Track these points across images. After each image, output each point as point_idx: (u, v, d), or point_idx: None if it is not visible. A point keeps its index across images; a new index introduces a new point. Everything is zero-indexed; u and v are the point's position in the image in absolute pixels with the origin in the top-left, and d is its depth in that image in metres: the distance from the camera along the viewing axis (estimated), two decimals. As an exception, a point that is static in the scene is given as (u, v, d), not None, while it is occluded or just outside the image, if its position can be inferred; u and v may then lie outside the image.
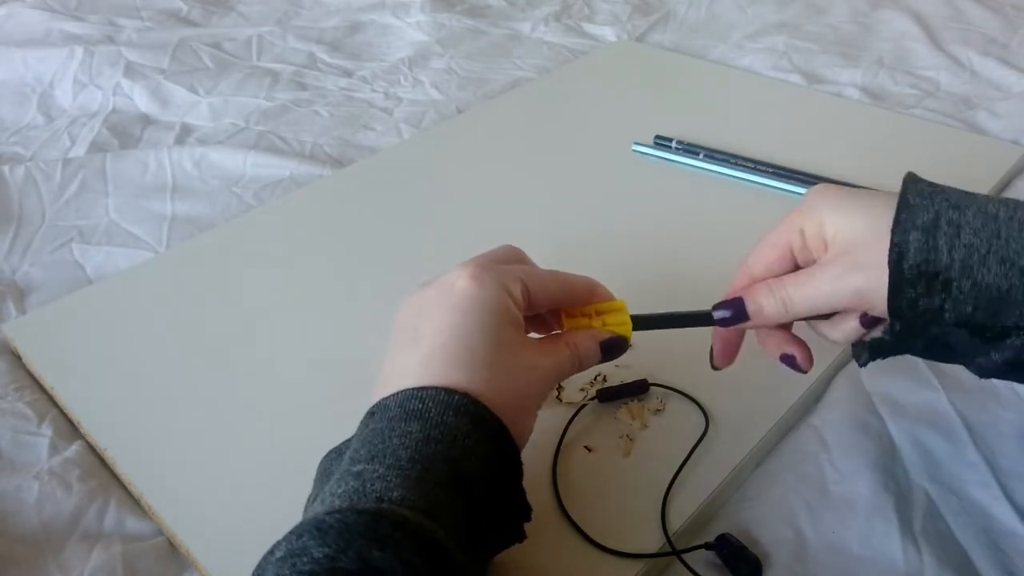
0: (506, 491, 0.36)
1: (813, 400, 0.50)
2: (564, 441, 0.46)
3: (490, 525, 0.35)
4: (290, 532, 0.30)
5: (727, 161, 0.69)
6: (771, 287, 0.39)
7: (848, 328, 0.38)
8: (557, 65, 0.93)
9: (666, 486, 0.43)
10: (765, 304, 0.39)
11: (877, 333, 0.37)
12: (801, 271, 0.39)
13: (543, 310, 0.41)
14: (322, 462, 0.38)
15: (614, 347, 0.41)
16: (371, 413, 0.36)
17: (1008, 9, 0.96)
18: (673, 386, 0.49)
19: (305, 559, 0.28)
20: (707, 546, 0.41)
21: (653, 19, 1.02)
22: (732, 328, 0.41)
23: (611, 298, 0.42)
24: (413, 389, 0.35)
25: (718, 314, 0.41)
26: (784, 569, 0.41)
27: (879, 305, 0.35)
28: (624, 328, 0.41)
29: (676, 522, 0.42)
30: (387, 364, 0.38)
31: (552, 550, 0.41)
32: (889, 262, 0.33)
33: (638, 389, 0.49)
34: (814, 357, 0.41)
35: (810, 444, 0.47)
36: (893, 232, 0.33)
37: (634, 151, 0.73)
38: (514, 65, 0.93)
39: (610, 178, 0.70)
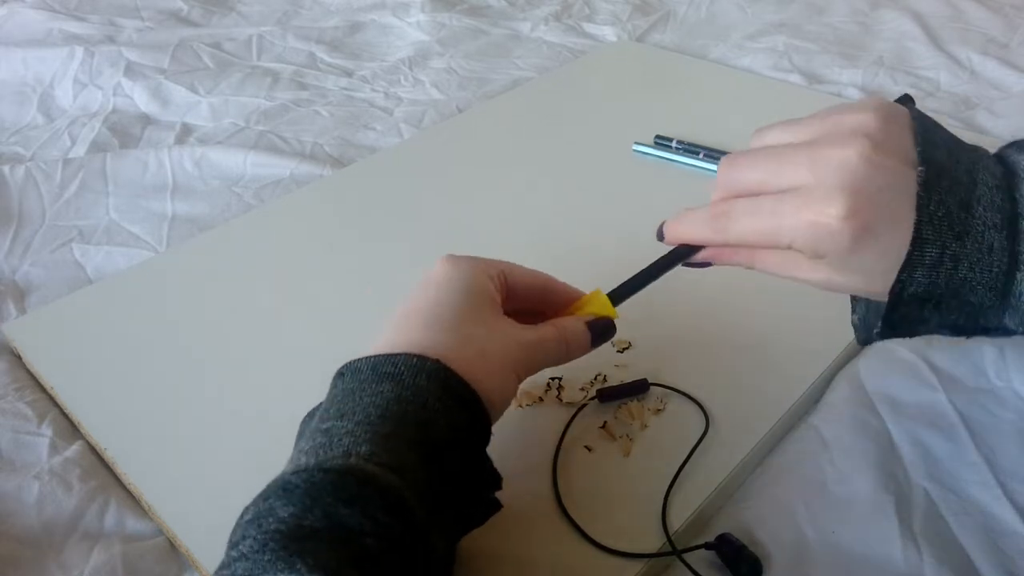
0: (474, 457, 0.36)
1: (813, 400, 0.50)
2: (564, 441, 0.46)
3: (459, 491, 0.35)
4: (258, 495, 0.30)
5: (727, 161, 0.69)
6: (740, 253, 0.39)
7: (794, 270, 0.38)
8: (557, 65, 0.93)
9: (666, 486, 0.43)
10: (728, 260, 0.40)
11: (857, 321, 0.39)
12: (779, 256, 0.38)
13: (528, 304, 0.42)
14: (301, 424, 0.39)
15: (603, 328, 0.41)
16: (340, 374, 0.37)
17: (1008, 9, 0.96)
18: (673, 386, 0.49)
19: (271, 519, 0.29)
20: (707, 546, 0.41)
21: (653, 19, 1.02)
22: None
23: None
24: (386, 354, 0.35)
25: (690, 263, 0.41)
26: (784, 569, 0.41)
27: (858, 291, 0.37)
28: (606, 309, 0.42)
29: (676, 522, 0.42)
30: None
31: (552, 550, 0.41)
32: (891, 293, 0.34)
33: (638, 389, 0.49)
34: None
35: (810, 444, 0.47)
36: (902, 269, 0.33)
37: (634, 151, 0.73)
38: (514, 65, 0.93)
39: (610, 178, 0.70)
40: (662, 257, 0.41)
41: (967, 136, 0.37)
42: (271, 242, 0.64)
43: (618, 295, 0.42)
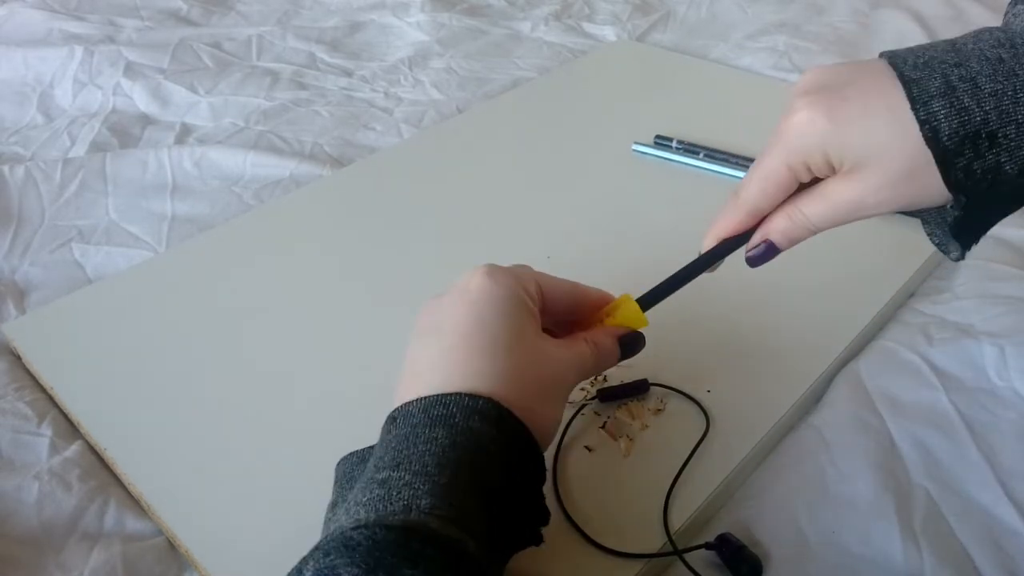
0: (527, 495, 0.35)
1: (813, 400, 0.50)
2: (564, 441, 0.46)
3: (510, 529, 0.34)
4: (316, 549, 0.29)
5: (727, 161, 0.69)
6: (789, 215, 0.37)
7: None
8: (557, 65, 0.93)
9: (667, 486, 0.43)
10: (789, 231, 0.38)
11: (942, 218, 0.36)
12: (815, 191, 0.36)
13: (559, 315, 0.41)
14: (340, 466, 0.38)
15: (632, 342, 0.41)
16: (392, 419, 0.35)
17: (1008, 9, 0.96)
18: (673, 386, 0.49)
19: None
20: (707, 546, 0.41)
21: (653, 19, 1.02)
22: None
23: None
24: (436, 395, 0.34)
25: (752, 256, 0.39)
26: (784, 569, 0.41)
27: (920, 199, 0.34)
28: (636, 316, 0.41)
29: (676, 522, 0.42)
30: (408, 362, 0.37)
31: (552, 550, 0.41)
32: (927, 143, 0.31)
33: (638, 389, 0.49)
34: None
35: (810, 444, 0.47)
36: (915, 111, 0.31)
37: (634, 151, 0.73)
38: (514, 65, 0.93)
39: (610, 178, 0.70)
40: (697, 258, 0.40)
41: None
42: (271, 242, 0.64)
43: (649, 300, 0.41)
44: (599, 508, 0.43)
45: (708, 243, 0.40)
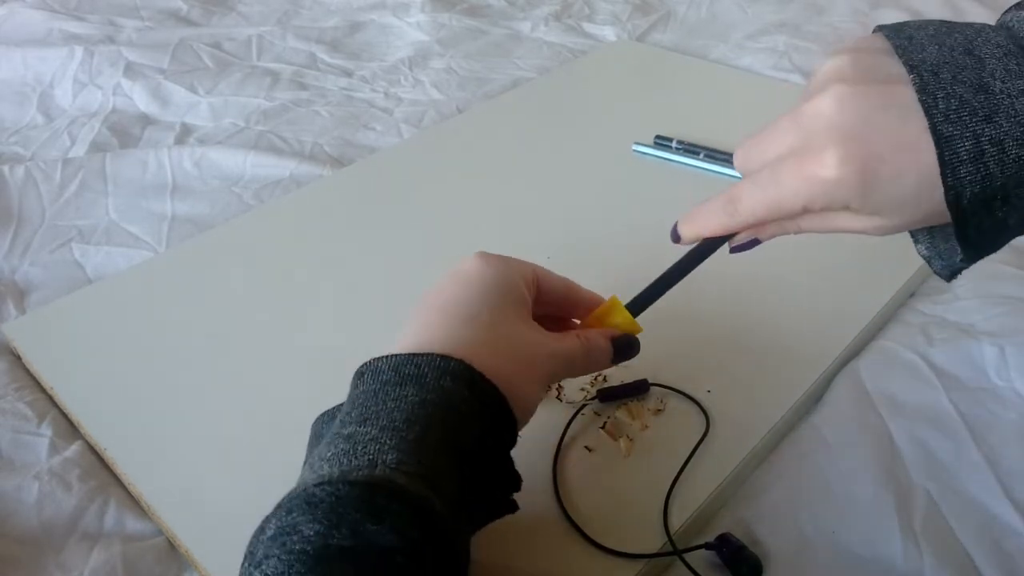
0: (497, 460, 0.35)
1: (813, 400, 0.50)
2: (564, 441, 0.46)
3: (480, 495, 0.34)
4: (278, 506, 0.29)
5: (727, 161, 0.69)
6: (782, 223, 0.37)
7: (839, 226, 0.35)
8: (557, 65, 0.93)
9: (666, 486, 0.43)
10: (778, 233, 0.38)
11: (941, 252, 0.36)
12: (816, 212, 0.35)
13: (551, 309, 0.41)
14: (313, 425, 0.37)
15: (626, 345, 0.41)
16: (360, 374, 0.35)
17: (1008, 9, 0.96)
18: (673, 386, 0.49)
19: (295, 537, 0.27)
20: (707, 546, 0.41)
21: (653, 19, 1.02)
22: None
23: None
24: (408, 354, 0.34)
25: (736, 247, 0.39)
26: (784, 569, 0.41)
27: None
28: (629, 324, 0.41)
29: (676, 522, 0.42)
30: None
31: (552, 550, 0.41)
32: (948, 206, 0.32)
33: (638, 389, 0.49)
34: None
35: (810, 444, 0.47)
36: (944, 176, 0.31)
37: (634, 151, 0.73)
38: (514, 65, 0.93)
39: (610, 178, 0.70)
40: (682, 258, 0.40)
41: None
42: (271, 242, 0.64)
43: (639, 304, 0.41)
44: (599, 508, 0.43)
45: (688, 232, 0.39)
